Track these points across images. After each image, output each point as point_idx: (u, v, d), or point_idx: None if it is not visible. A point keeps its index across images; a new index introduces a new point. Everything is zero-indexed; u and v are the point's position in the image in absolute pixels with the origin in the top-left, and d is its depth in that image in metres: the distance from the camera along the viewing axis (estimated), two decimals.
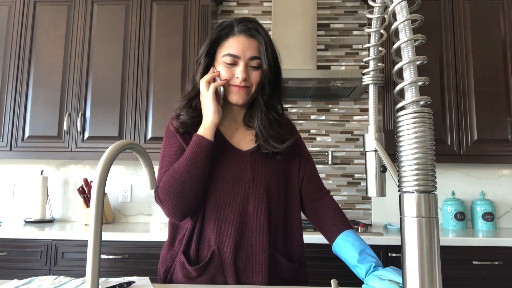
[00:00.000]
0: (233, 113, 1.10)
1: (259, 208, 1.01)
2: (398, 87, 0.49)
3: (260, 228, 1.00)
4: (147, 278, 0.95)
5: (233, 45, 1.01)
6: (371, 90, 0.70)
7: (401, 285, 0.73)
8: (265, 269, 0.98)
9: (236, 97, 1.03)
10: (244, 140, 1.08)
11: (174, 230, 1.08)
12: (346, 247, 0.98)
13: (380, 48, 0.68)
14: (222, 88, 1.02)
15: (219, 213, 1.00)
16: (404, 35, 0.48)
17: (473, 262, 1.87)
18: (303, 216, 1.13)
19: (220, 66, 1.03)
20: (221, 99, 1.04)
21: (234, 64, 1.01)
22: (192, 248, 1.01)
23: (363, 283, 0.89)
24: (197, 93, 1.06)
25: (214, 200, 1.01)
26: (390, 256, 1.89)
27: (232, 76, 1.01)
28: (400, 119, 0.48)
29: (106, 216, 2.39)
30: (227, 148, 1.05)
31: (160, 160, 1.06)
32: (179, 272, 1.01)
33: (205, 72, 1.06)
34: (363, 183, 2.51)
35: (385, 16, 0.63)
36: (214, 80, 1.03)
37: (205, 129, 0.99)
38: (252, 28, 1.02)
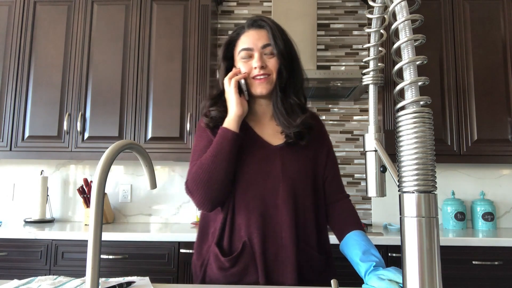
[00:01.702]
0: (262, 108, 1.12)
1: (288, 202, 1.02)
2: (398, 87, 0.49)
3: (289, 222, 1.01)
4: (147, 278, 0.95)
5: (245, 40, 1.07)
6: (371, 90, 0.70)
7: (401, 285, 0.73)
8: (294, 260, 0.99)
9: (259, 88, 1.05)
10: (274, 135, 1.09)
11: (205, 225, 1.10)
12: (351, 245, 1.00)
13: (380, 48, 0.68)
14: (243, 81, 1.05)
15: (249, 205, 1.02)
16: (404, 35, 0.48)
17: (473, 262, 1.87)
18: None
19: (239, 63, 1.07)
20: (245, 92, 1.07)
21: (250, 57, 1.06)
22: (225, 240, 1.03)
23: (363, 282, 0.90)
24: (221, 93, 1.10)
25: (244, 192, 1.03)
26: (390, 256, 1.89)
27: (251, 69, 1.05)
28: (400, 119, 0.48)
29: (106, 216, 2.39)
30: (257, 142, 1.08)
31: (191, 154, 1.09)
32: (213, 263, 1.03)
33: (227, 74, 1.10)
34: (363, 183, 2.51)
35: (385, 16, 0.63)
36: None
37: (229, 121, 1.02)
38: (258, 20, 1.08)
